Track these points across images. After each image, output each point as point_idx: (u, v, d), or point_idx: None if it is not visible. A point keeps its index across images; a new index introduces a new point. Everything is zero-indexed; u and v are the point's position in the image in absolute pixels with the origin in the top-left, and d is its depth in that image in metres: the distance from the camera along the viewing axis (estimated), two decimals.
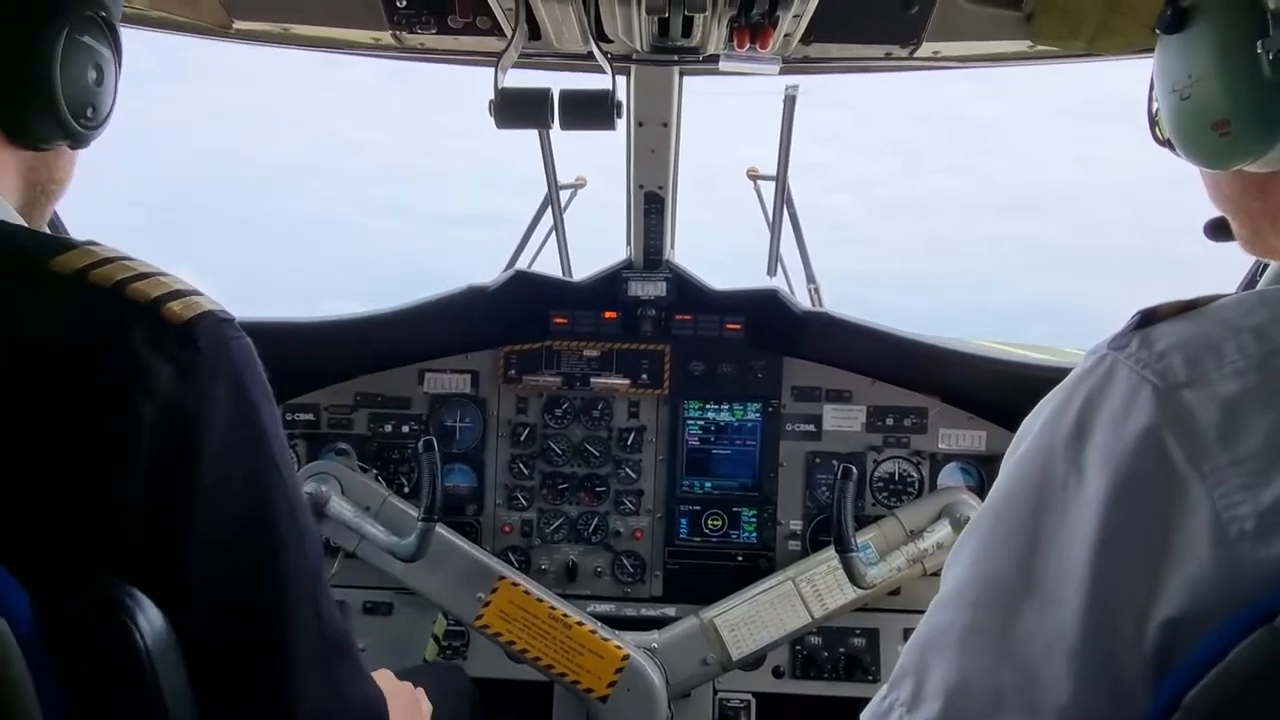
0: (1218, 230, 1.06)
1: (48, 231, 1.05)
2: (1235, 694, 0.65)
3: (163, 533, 0.89)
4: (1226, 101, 0.91)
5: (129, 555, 0.88)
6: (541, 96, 1.80)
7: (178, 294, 0.92)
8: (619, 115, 1.83)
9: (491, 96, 1.82)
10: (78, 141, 1.09)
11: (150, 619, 0.82)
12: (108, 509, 0.87)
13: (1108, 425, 0.79)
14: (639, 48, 2.00)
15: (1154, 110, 1.06)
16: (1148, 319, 0.84)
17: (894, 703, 0.89)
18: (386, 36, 2.05)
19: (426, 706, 1.71)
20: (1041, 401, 0.89)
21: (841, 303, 3.05)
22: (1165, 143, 1.02)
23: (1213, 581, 0.70)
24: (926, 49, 2.06)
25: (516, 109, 1.81)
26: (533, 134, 2.95)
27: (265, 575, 0.99)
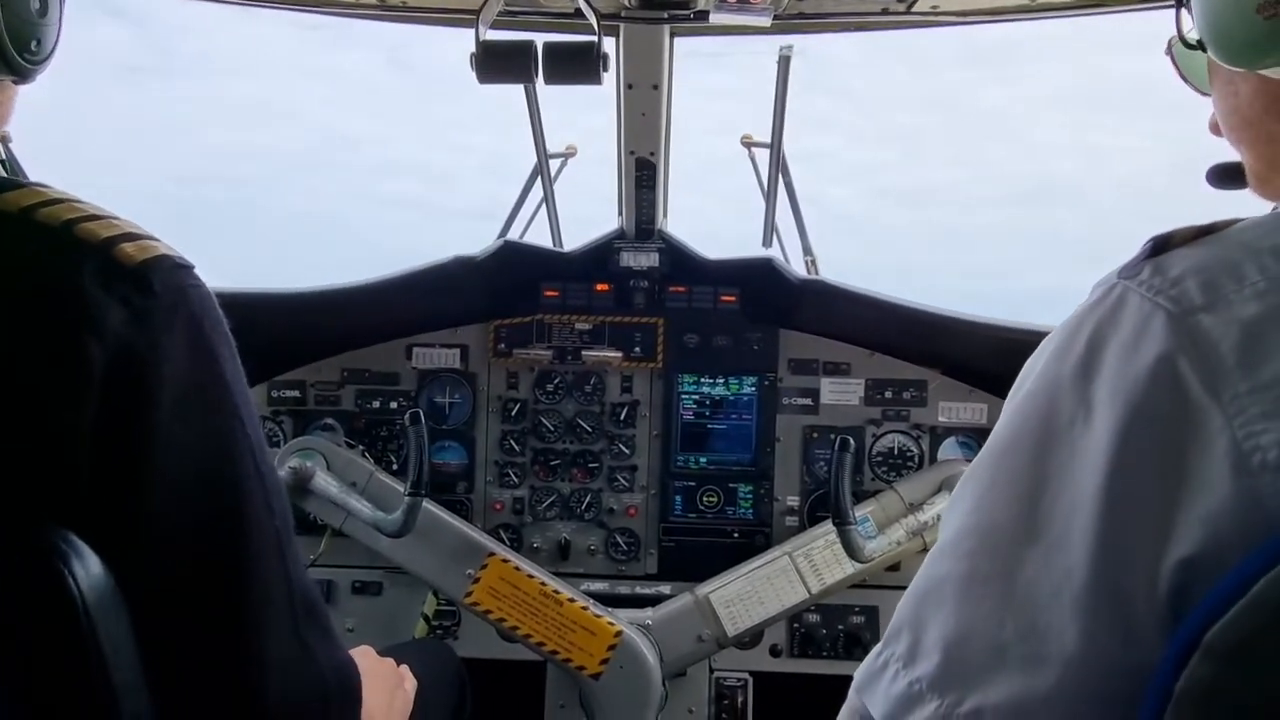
0: (1223, 177, 0.99)
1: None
2: (1262, 627, 0.59)
3: (113, 483, 0.85)
4: None
5: (76, 504, 0.83)
6: (525, 48, 1.73)
7: (131, 236, 0.88)
8: (605, 69, 1.77)
9: (473, 50, 1.75)
10: (22, 77, 1.03)
11: (88, 567, 0.77)
12: (52, 454, 0.83)
13: (1118, 356, 0.74)
14: (628, 2, 1.94)
15: (1178, 28, 1.00)
16: (1160, 246, 0.78)
17: (889, 659, 0.84)
18: None
19: (411, 683, 1.66)
20: (1046, 338, 0.84)
21: None
22: (1197, 45, 0.94)
23: (1232, 516, 0.65)
24: (925, 3, 1.99)
25: (498, 62, 1.75)
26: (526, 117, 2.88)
27: (227, 531, 0.94)
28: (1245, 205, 0.98)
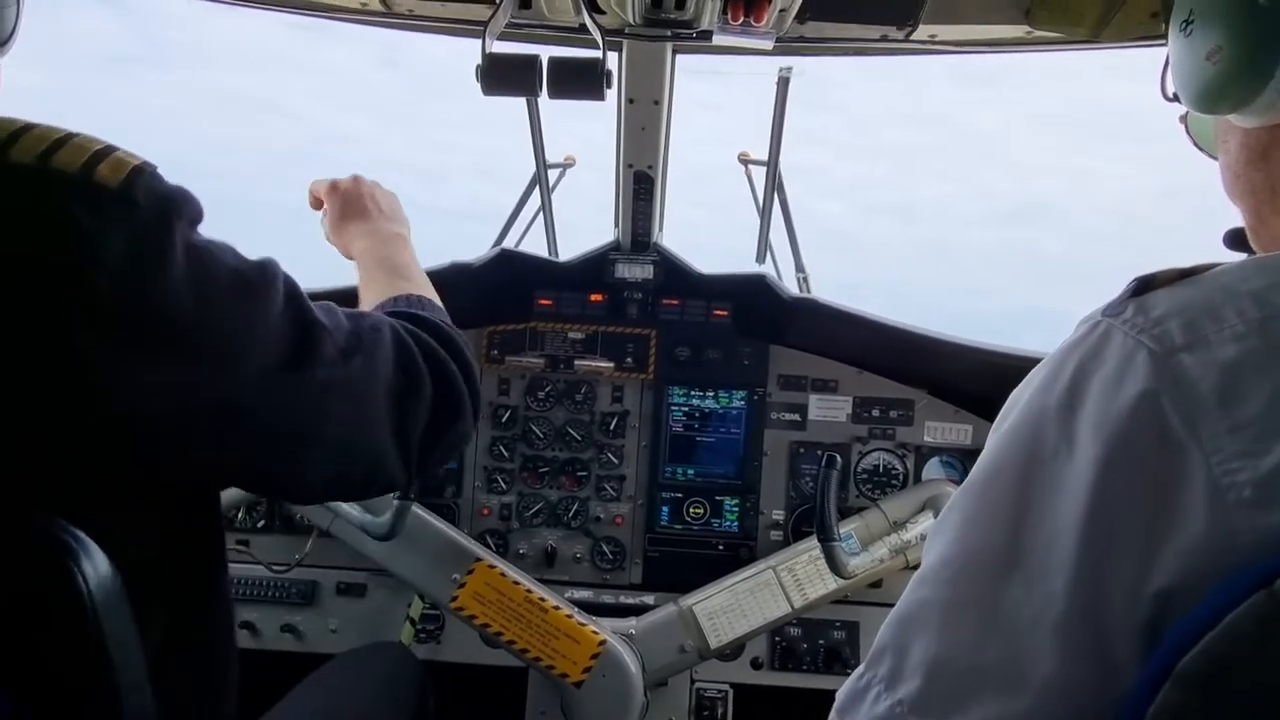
0: (1236, 241, 1.03)
1: None
2: (1230, 658, 0.62)
3: (143, 374, 0.87)
4: (1220, 28, 0.90)
5: (112, 409, 0.85)
6: (530, 62, 1.75)
7: (101, 155, 0.87)
8: (609, 86, 1.79)
9: (479, 62, 1.77)
10: None
11: (95, 563, 0.79)
12: (87, 384, 0.83)
13: (1101, 391, 0.76)
14: (632, 20, 1.96)
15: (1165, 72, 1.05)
16: (1144, 286, 0.82)
17: (871, 680, 0.87)
18: (374, 1, 2.00)
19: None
20: (1031, 371, 0.87)
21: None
22: (1174, 97, 1.00)
23: (1207, 550, 0.68)
24: (923, 31, 2.03)
25: (504, 74, 1.77)
26: (524, 124, 2.91)
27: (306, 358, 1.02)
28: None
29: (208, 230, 0.98)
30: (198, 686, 1.06)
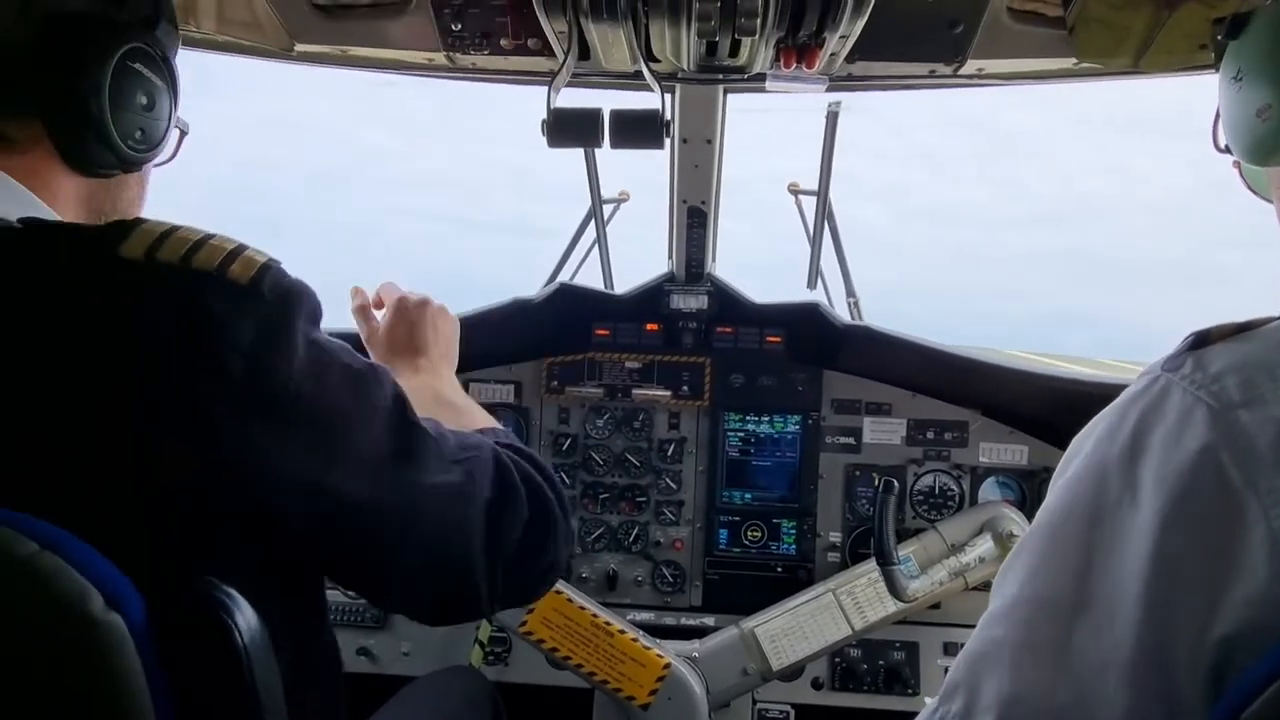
0: None
1: None
2: None
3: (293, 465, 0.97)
4: (1270, 86, 0.94)
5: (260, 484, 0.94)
6: (593, 116, 1.84)
7: (233, 255, 0.97)
8: (667, 135, 1.87)
9: (544, 117, 1.86)
10: (128, 166, 1.13)
11: (247, 618, 0.87)
12: (215, 456, 0.92)
13: (1162, 444, 0.81)
14: (685, 67, 2.04)
15: (1216, 124, 1.09)
16: (1201, 341, 0.85)
17: (945, 716, 0.91)
18: (440, 57, 2.11)
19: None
20: (1092, 421, 0.91)
21: (872, 312, 3.10)
22: (1225, 149, 1.05)
23: (1269, 601, 0.72)
24: (971, 66, 2.07)
25: (568, 128, 1.85)
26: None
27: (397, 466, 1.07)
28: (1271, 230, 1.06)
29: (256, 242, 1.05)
30: (315, 713, 1.15)
